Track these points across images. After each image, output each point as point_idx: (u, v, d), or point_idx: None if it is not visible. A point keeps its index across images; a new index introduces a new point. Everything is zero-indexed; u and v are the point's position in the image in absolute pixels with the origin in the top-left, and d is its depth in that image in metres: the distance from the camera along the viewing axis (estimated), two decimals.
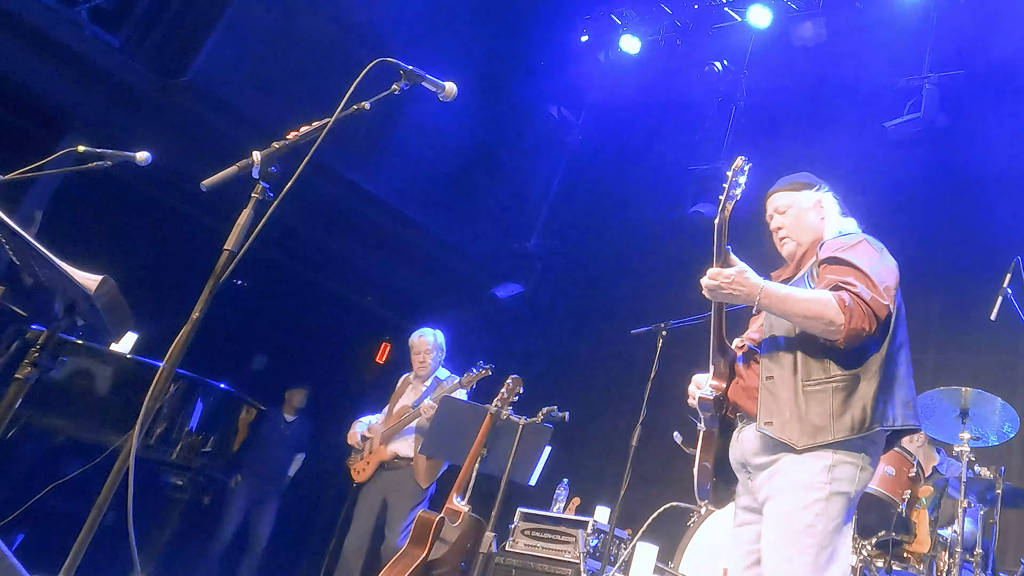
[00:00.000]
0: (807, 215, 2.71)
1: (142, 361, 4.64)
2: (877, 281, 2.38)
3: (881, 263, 2.47)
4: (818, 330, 2.35)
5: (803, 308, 2.35)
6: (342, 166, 6.90)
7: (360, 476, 5.10)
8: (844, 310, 2.29)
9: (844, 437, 2.31)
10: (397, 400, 5.24)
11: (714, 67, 7.39)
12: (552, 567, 4.59)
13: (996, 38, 6.33)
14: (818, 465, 2.32)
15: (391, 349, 8.64)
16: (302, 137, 2.24)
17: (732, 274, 2.40)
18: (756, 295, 2.37)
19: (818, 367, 2.39)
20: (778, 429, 2.37)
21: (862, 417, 2.32)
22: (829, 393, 2.35)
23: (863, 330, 2.30)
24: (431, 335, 5.26)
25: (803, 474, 2.33)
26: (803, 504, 2.31)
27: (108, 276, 2.06)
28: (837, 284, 2.36)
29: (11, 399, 2.14)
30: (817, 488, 2.31)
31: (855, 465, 2.34)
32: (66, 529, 2.15)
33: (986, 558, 3.89)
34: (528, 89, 8.34)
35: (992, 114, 6.24)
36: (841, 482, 2.32)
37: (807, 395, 2.36)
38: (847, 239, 2.55)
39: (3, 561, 2.03)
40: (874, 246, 2.54)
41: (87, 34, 5.89)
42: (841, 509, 2.32)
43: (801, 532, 2.29)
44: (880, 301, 2.34)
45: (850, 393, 2.34)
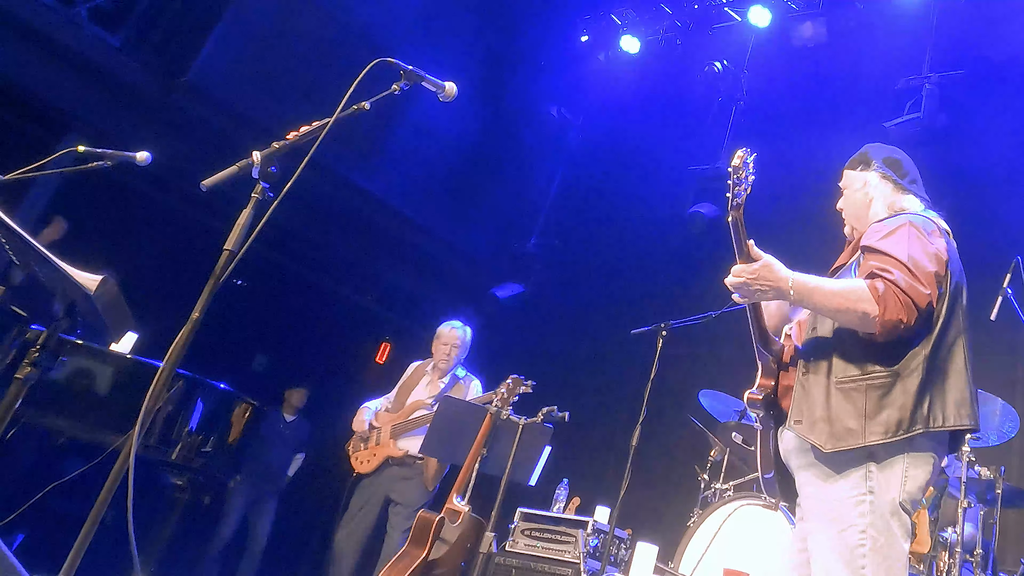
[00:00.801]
0: (856, 196, 2.57)
1: (142, 361, 4.64)
2: (916, 268, 2.19)
3: (922, 248, 2.26)
4: (852, 323, 2.18)
5: (835, 300, 2.17)
6: (342, 166, 6.91)
7: (362, 467, 4.86)
8: (879, 300, 2.12)
9: (878, 441, 2.12)
10: (409, 391, 4.99)
11: (714, 67, 7.39)
12: (552, 567, 4.59)
13: (996, 38, 6.33)
14: (855, 476, 2.15)
15: (391, 349, 8.65)
16: (302, 137, 2.24)
17: (757, 268, 2.22)
18: (786, 288, 2.20)
19: (855, 364, 2.21)
20: (806, 428, 2.21)
21: (899, 418, 2.12)
22: (863, 392, 2.16)
23: (900, 321, 2.11)
24: (462, 330, 5.03)
25: (842, 489, 2.16)
26: (846, 525, 2.13)
27: (108, 276, 2.06)
28: (872, 272, 2.19)
29: (11, 399, 2.14)
30: (857, 503, 2.13)
31: (895, 468, 2.15)
32: (66, 529, 2.15)
33: (986, 558, 3.89)
34: (528, 89, 8.34)
35: (992, 114, 6.24)
36: (881, 489, 2.13)
37: (840, 393, 2.19)
38: (889, 223, 2.36)
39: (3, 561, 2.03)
40: (919, 229, 2.32)
41: (87, 34, 5.90)
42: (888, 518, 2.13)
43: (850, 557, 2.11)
44: (920, 289, 2.15)
45: (887, 392, 2.15)
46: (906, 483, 2.15)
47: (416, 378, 5.06)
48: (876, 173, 2.57)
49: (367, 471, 4.83)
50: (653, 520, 5.86)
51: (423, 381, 5.01)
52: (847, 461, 2.17)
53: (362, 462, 4.87)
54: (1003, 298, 4.01)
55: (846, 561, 2.11)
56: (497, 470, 3.87)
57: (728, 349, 6.39)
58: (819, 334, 2.33)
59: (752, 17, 7.37)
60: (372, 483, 4.81)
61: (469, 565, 3.71)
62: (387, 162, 7.37)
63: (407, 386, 5.04)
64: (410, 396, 4.95)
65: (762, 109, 7.55)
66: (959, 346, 2.27)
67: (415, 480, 4.71)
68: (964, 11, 6.61)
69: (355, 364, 8.51)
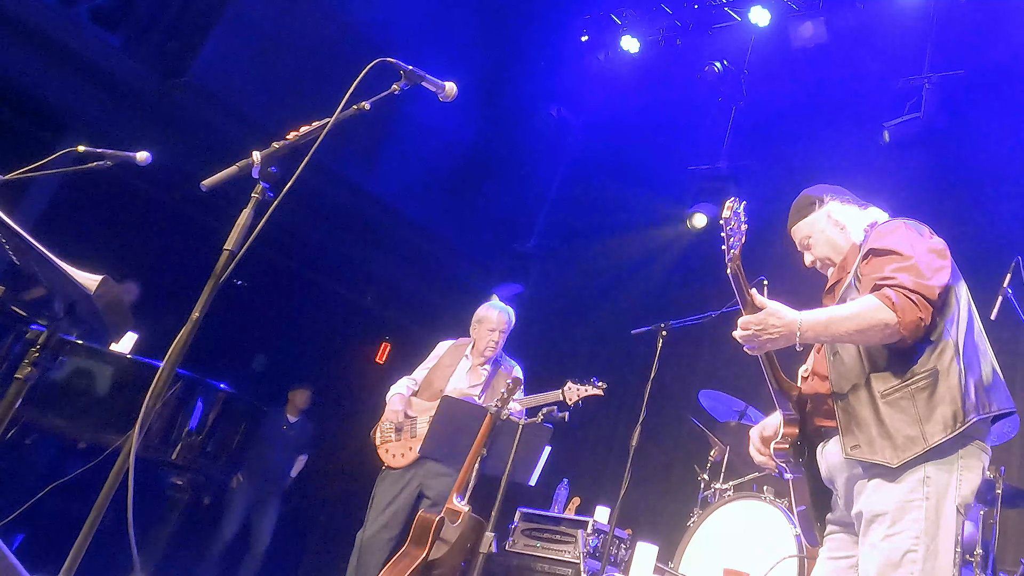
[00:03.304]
0: (828, 234, 2.54)
1: (142, 361, 4.64)
2: (921, 263, 2.20)
3: (924, 243, 2.29)
4: (876, 339, 2.17)
5: (852, 325, 2.16)
6: (342, 166, 6.90)
7: (395, 461, 4.43)
8: (894, 308, 2.12)
9: (940, 440, 2.10)
10: (446, 376, 4.58)
11: (714, 67, 7.39)
12: (552, 567, 4.59)
13: (996, 38, 6.33)
14: (910, 481, 2.13)
15: (391, 349, 8.65)
16: (302, 137, 2.24)
17: (763, 317, 2.19)
18: (795, 331, 2.16)
19: (893, 373, 2.20)
20: (868, 451, 2.17)
21: (953, 411, 2.12)
22: (911, 397, 2.16)
23: (920, 320, 2.12)
24: (508, 312, 4.64)
25: (896, 495, 2.14)
26: (896, 531, 2.11)
27: (108, 276, 2.06)
28: (875, 284, 2.20)
29: (11, 399, 2.14)
30: (914, 508, 2.11)
31: (951, 468, 2.13)
32: (66, 529, 2.15)
33: (986, 558, 3.89)
34: (528, 89, 8.34)
35: (992, 114, 6.24)
36: (938, 490, 2.12)
37: (889, 405, 2.17)
38: (885, 226, 2.39)
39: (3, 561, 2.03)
40: (915, 228, 2.36)
41: (87, 34, 5.89)
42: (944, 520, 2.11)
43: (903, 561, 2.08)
44: (926, 284, 2.16)
45: (933, 390, 2.15)
46: (960, 486, 2.15)
47: (451, 361, 4.64)
48: (833, 203, 2.56)
49: (400, 465, 4.43)
50: (653, 520, 5.87)
51: (462, 366, 4.62)
52: (908, 467, 2.15)
53: (395, 455, 4.45)
54: (1003, 298, 4.01)
55: (894, 563, 2.10)
56: (497, 470, 3.87)
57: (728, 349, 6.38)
58: (843, 357, 2.31)
59: (752, 17, 7.37)
60: (403, 477, 4.42)
61: (469, 565, 3.71)
62: (387, 162, 7.36)
63: (441, 370, 4.63)
64: (448, 382, 4.57)
65: (762, 109, 7.55)
66: (982, 334, 2.32)
67: (453, 477, 4.29)
68: (964, 11, 6.61)
69: (355, 364, 8.51)
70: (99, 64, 5.98)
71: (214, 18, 6.17)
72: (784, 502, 4.15)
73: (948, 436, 2.11)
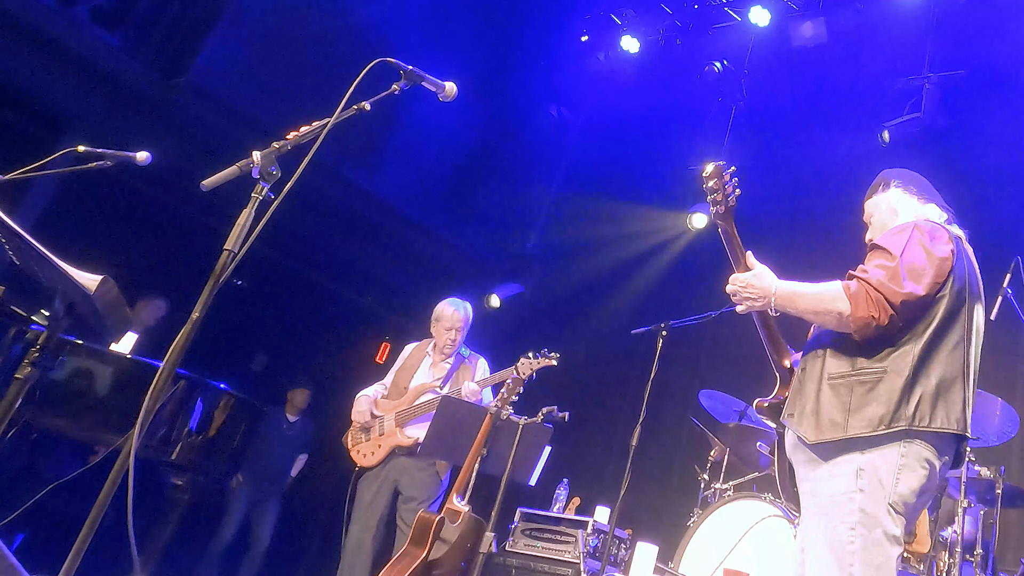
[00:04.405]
0: (882, 219, 2.64)
1: (142, 361, 4.64)
2: (903, 267, 2.22)
3: (921, 249, 2.28)
4: (829, 323, 2.26)
5: (812, 303, 2.26)
6: (342, 166, 6.90)
7: (366, 460, 4.55)
8: (850, 299, 2.19)
9: (859, 434, 2.16)
10: (410, 375, 4.71)
11: (714, 67, 7.39)
12: (552, 567, 4.59)
13: (996, 38, 6.33)
14: (846, 473, 2.18)
15: (391, 349, 8.65)
16: (302, 137, 2.24)
17: (747, 277, 2.33)
18: (771, 296, 2.29)
19: (846, 361, 2.27)
20: (796, 421, 2.30)
21: (882, 413, 2.16)
22: (850, 387, 2.22)
23: (872, 319, 2.16)
24: (464, 308, 4.75)
25: (833, 485, 2.20)
26: (839, 521, 2.17)
27: (108, 276, 2.06)
28: (849, 272, 2.27)
29: (11, 399, 2.14)
30: (848, 499, 2.17)
31: (889, 465, 2.16)
32: (66, 529, 2.15)
33: (986, 558, 3.89)
34: (528, 89, 8.33)
35: (992, 114, 6.24)
36: (873, 492, 2.16)
37: (830, 388, 2.25)
38: (901, 224, 2.44)
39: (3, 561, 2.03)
40: (924, 231, 2.35)
41: (87, 34, 5.89)
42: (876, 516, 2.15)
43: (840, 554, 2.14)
44: (894, 288, 2.18)
45: (873, 388, 2.20)
46: (898, 484, 2.17)
47: (415, 361, 4.78)
48: (897, 190, 2.67)
49: (372, 464, 4.54)
50: (653, 520, 5.87)
51: (424, 364, 4.75)
52: (838, 457, 2.21)
53: (365, 455, 4.58)
54: (1003, 298, 4.01)
55: (836, 557, 2.15)
56: (497, 470, 3.87)
57: (728, 349, 6.40)
58: (817, 334, 2.42)
59: (752, 17, 7.37)
60: (378, 476, 4.53)
61: (469, 565, 3.72)
62: (387, 162, 7.36)
63: (406, 370, 4.76)
64: (412, 380, 4.69)
65: (762, 109, 7.55)
66: (959, 351, 2.28)
67: (426, 470, 4.48)
68: (964, 11, 6.61)
69: (355, 364, 8.51)
70: (99, 64, 5.98)
71: (214, 18, 6.17)
72: (783, 502, 4.15)
73: (868, 434, 2.16)
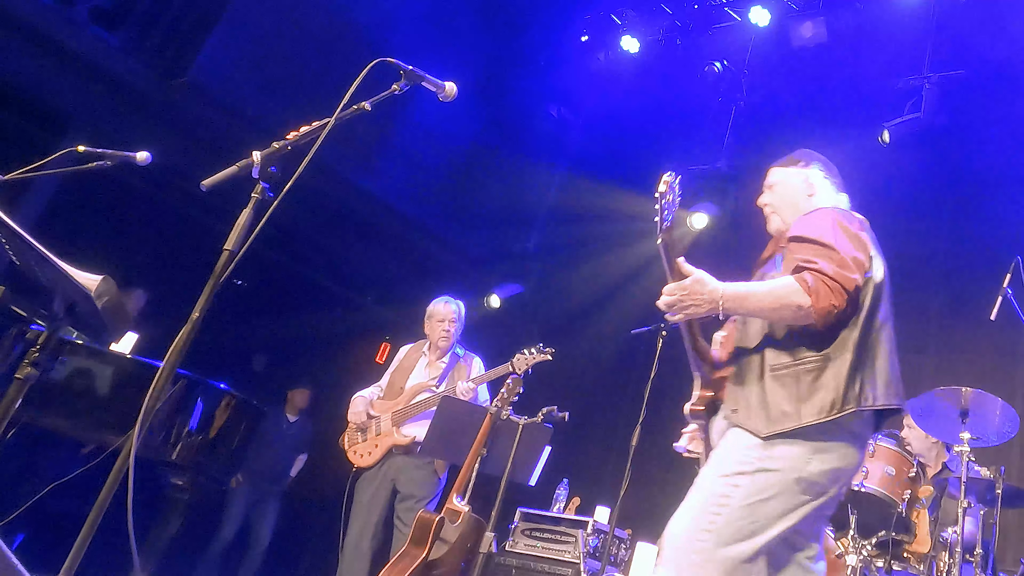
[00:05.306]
0: (793, 192, 2.63)
1: (142, 361, 4.64)
2: (843, 252, 2.26)
3: (848, 235, 2.34)
4: (789, 318, 2.24)
5: (768, 301, 2.24)
6: (342, 166, 6.90)
7: (363, 460, 4.58)
8: (809, 292, 2.19)
9: (813, 421, 2.18)
10: (405, 375, 4.73)
11: (714, 67, 7.39)
12: (552, 567, 4.59)
13: (996, 38, 6.33)
14: (760, 443, 2.21)
15: (391, 349, 8.64)
16: (302, 137, 2.24)
17: (689, 284, 2.27)
18: (718, 300, 2.25)
19: (787, 351, 2.28)
20: (743, 417, 2.27)
21: (833, 399, 2.19)
22: (796, 377, 2.23)
23: (834, 307, 2.19)
24: (456, 304, 4.78)
25: (738, 447, 2.24)
26: (724, 472, 2.22)
27: (108, 276, 2.06)
28: (798, 265, 2.26)
29: (11, 399, 2.14)
30: (745, 463, 2.21)
31: (806, 447, 2.19)
32: (66, 529, 2.15)
33: (986, 558, 3.89)
34: (528, 89, 8.33)
35: (992, 114, 6.24)
36: (777, 460, 2.19)
37: (774, 379, 2.26)
38: (815, 214, 2.44)
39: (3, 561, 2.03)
40: (844, 219, 2.40)
41: (87, 34, 5.89)
42: (772, 488, 2.18)
43: (713, 500, 2.19)
44: (846, 274, 2.23)
45: (819, 375, 2.22)
46: (814, 458, 2.20)
47: (411, 361, 4.80)
48: (820, 172, 2.65)
49: (369, 464, 4.56)
50: (653, 520, 5.85)
51: (420, 363, 4.76)
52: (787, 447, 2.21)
53: (362, 455, 4.61)
54: (1003, 298, 4.01)
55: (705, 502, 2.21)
56: (497, 470, 3.87)
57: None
58: (749, 329, 2.40)
59: (752, 17, 7.37)
60: (376, 476, 4.54)
61: (469, 565, 3.72)
62: (387, 162, 7.36)
63: (402, 370, 4.78)
64: (407, 380, 4.71)
65: (762, 109, 7.55)
66: (886, 330, 2.35)
67: (424, 469, 4.48)
68: (964, 11, 6.61)
69: (355, 364, 8.51)
70: (99, 64, 5.98)
71: (214, 18, 6.17)
72: None
73: (821, 420, 2.17)
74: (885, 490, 4.00)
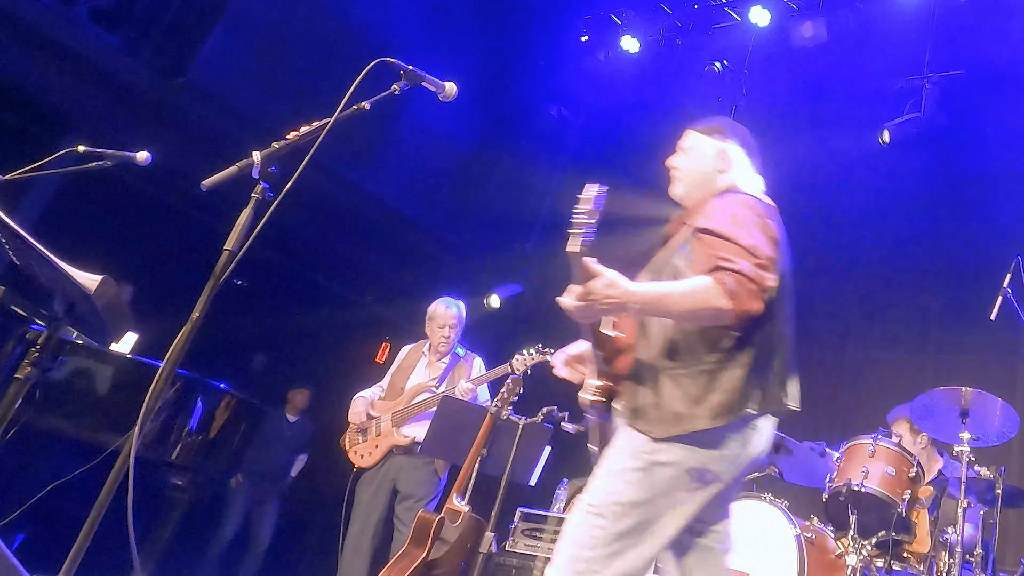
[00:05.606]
0: (703, 164, 2.53)
1: (142, 361, 4.64)
2: (761, 252, 2.17)
3: (764, 231, 2.24)
4: (706, 320, 2.14)
5: (686, 305, 2.11)
6: (342, 166, 6.90)
7: (363, 461, 4.60)
8: (729, 295, 2.08)
9: (706, 427, 2.10)
10: (405, 375, 4.75)
11: (714, 67, 7.39)
12: None
13: (996, 38, 6.33)
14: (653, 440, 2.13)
15: (391, 349, 8.64)
16: (302, 137, 2.24)
17: (599, 287, 2.15)
18: (629, 302, 2.12)
19: (687, 350, 2.18)
20: (636, 416, 2.19)
21: (727, 402, 2.12)
22: (693, 378, 2.15)
23: (752, 310, 2.10)
24: (457, 306, 4.77)
25: (632, 443, 2.16)
26: (618, 469, 2.14)
27: (108, 276, 2.06)
28: (717, 264, 2.13)
29: (11, 399, 2.14)
30: (637, 457, 2.13)
31: (699, 444, 2.12)
32: (66, 529, 2.15)
33: (986, 558, 3.89)
34: (528, 89, 8.33)
35: (992, 114, 6.24)
36: (669, 453, 2.12)
37: (671, 380, 2.16)
38: (727, 203, 2.32)
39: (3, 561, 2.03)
40: (760, 211, 2.30)
41: (87, 34, 5.89)
42: (667, 483, 2.12)
43: (607, 497, 2.12)
44: (764, 275, 2.13)
45: (716, 376, 2.14)
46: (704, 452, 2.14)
47: (411, 362, 4.81)
48: (738, 148, 2.55)
49: (369, 464, 4.58)
50: None
51: (420, 364, 4.78)
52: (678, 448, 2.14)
53: (362, 455, 4.62)
54: (1003, 298, 4.01)
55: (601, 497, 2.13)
56: (497, 470, 3.87)
57: None
58: (648, 325, 2.29)
59: (752, 17, 7.37)
60: (376, 476, 4.56)
61: (469, 565, 3.72)
62: (387, 162, 7.36)
63: (402, 371, 4.80)
64: (408, 380, 4.73)
65: (762, 109, 7.54)
66: (786, 329, 2.28)
67: (423, 469, 4.50)
68: (964, 11, 6.61)
69: (355, 364, 8.50)
70: (99, 64, 5.98)
71: (214, 18, 6.17)
72: (784, 502, 4.15)
73: (712, 425, 2.10)
74: (885, 490, 4.00)
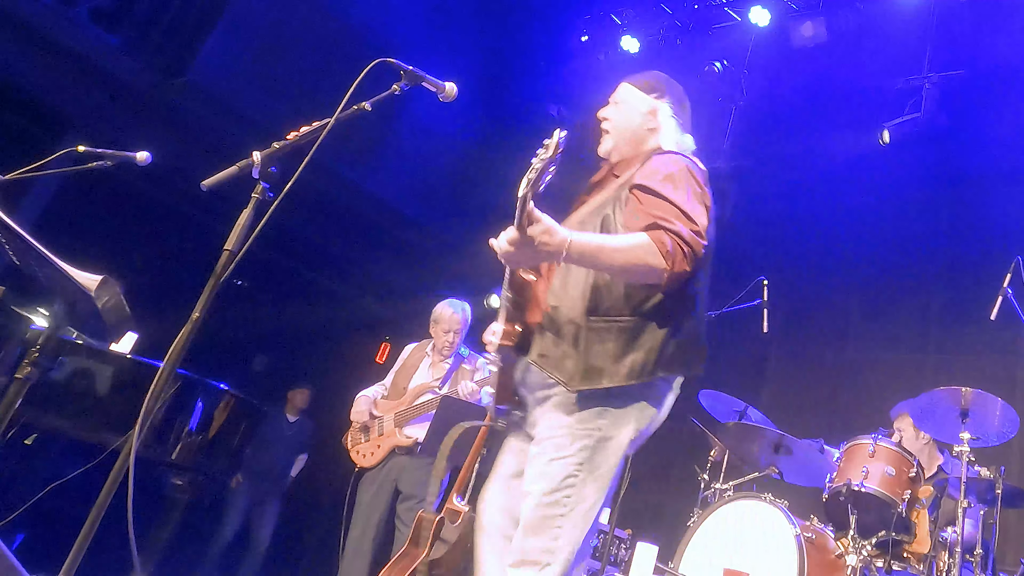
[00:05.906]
0: (633, 121, 2.52)
1: (142, 361, 4.64)
2: (694, 216, 2.17)
3: (699, 196, 2.26)
4: (637, 278, 2.13)
5: (619, 259, 2.09)
6: (342, 166, 6.91)
7: (365, 460, 4.60)
8: (665, 255, 2.07)
9: (622, 383, 2.11)
10: (408, 375, 4.75)
11: (714, 67, 7.39)
12: None
13: (996, 38, 6.32)
14: (588, 412, 2.14)
15: (391, 349, 8.64)
16: (302, 137, 2.24)
17: (537, 232, 2.08)
18: (564, 250, 2.06)
19: (609, 303, 2.16)
20: (552, 364, 2.17)
21: (644, 362, 2.12)
22: (615, 333, 2.14)
23: (684, 272, 2.10)
24: (462, 309, 4.77)
25: (571, 420, 2.15)
26: (566, 453, 2.13)
27: (108, 276, 2.06)
28: (655, 223, 2.13)
29: (11, 399, 2.14)
30: (583, 436, 2.13)
31: (631, 411, 2.15)
32: (66, 529, 2.15)
33: (986, 558, 3.89)
34: (528, 89, 8.33)
35: (992, 114, 6.24)
36: (611, 427, 2.14)
37: (592, 332, 2.15)
38: (665, 163, 2.31)
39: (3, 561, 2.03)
40: (695, 175, 2.31)
41: (87, 34, 5.89)
42: (609, 457, 2.15)
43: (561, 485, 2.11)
44: (699, 240, 2.14)
45: (637, 336, 2.14)
46: (636, 421, 2.17)
47: (414, 361, 4.81)
48: (668, 107, 2.56)
49: (371, 464, 4.58)
50: (653, 520, 5.86)
51: (423, 364, 4.78)
52: (587, 399, 2.15)
53: (364, 455, 4.62)
54: (1003, 298, 4.01)
55: (551, 488, 2.12)
56: None
57: (728, 350, 6.39)
58: (572, 274, 2.25)
59: (752, 17, 7.37)
60: (378, 476, 4.56)
61: (469, 565, 3.71)
62: (387, 162, 7.37)
63: (405, 370, 4.80)
64: (411, 380, 4.72)
65: (762, 109, 7.54)
66: (703, 295, 2.30)
67: (426, 469, 4.46)
68: (964, 11, 6.61)
69: (355, 364, 8.50)
70: (99, 64, 5.98)
71: (214, 18, 6.18)
72: (784, 502, 4.15)
73: (628, 384, 2.11)
74: (885, 490, 4.00)
